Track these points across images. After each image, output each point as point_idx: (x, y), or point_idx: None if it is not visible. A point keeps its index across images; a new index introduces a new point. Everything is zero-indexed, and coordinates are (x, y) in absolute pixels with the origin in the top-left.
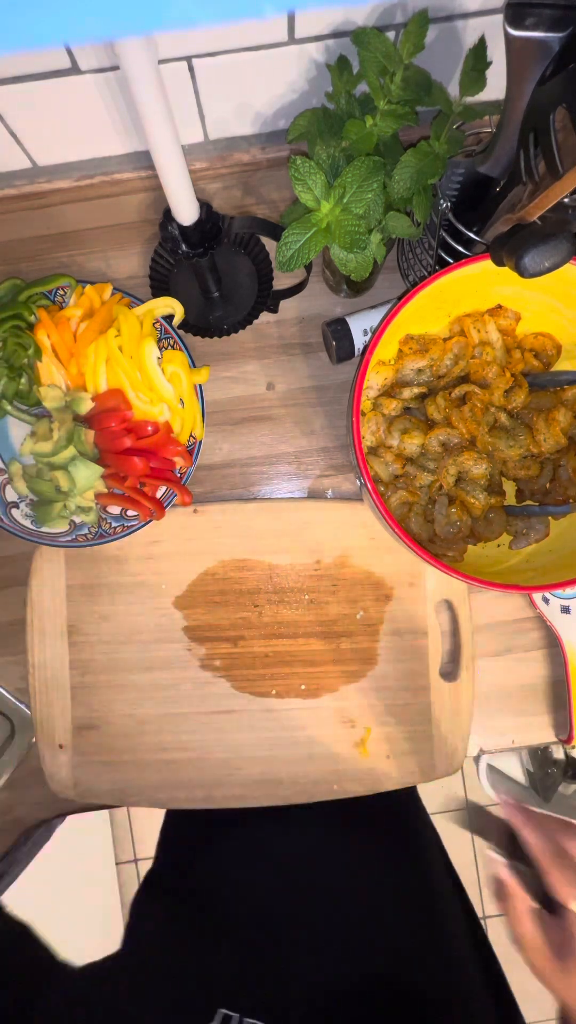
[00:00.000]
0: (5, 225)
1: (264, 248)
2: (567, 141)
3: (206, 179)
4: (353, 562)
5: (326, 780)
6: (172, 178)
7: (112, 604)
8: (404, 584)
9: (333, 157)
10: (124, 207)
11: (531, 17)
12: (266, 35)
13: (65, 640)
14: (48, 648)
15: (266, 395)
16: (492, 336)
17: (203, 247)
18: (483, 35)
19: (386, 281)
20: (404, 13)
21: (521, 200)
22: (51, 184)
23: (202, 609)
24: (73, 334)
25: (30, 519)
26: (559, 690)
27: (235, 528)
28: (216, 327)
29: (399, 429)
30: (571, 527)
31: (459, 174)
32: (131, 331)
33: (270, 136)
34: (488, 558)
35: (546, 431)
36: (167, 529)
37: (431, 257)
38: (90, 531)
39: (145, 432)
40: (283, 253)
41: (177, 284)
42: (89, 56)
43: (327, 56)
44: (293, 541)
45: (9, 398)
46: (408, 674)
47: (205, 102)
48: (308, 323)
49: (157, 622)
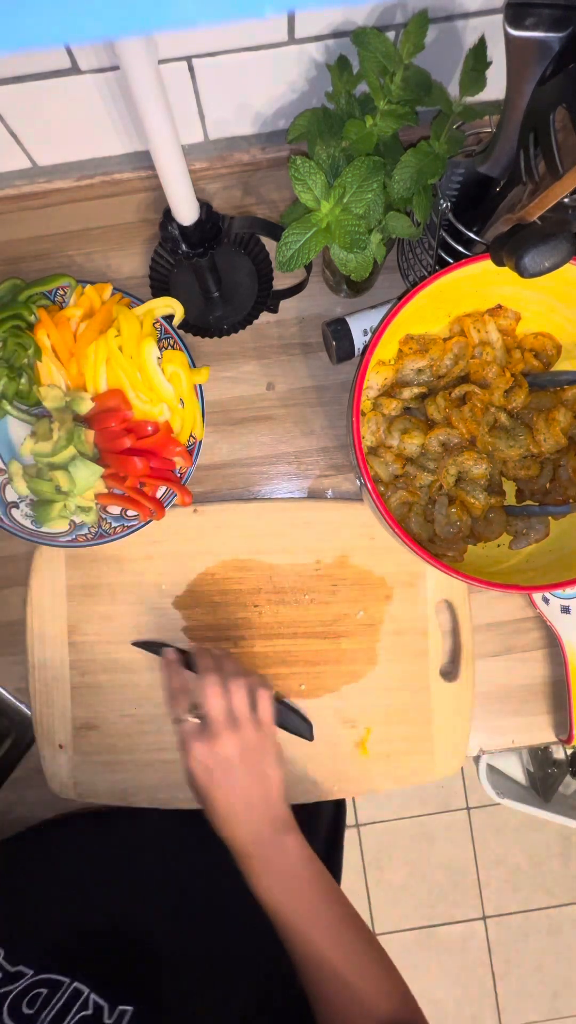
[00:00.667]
0: (5, 225)
1: (264, 248)
2: (567, 141)
3: (206, 179)
4: (353, 562)
5: (326, 780)
6: (172, 178)
7: (112, 604)
8: (404, 584)
9: (333, 157)
10: (124, 207)
11: (531, 17)
12: (266, 35)
13: (65, 640)
14: (48, 648)
15: (266, 395)
16: (492, 336)
17: (203, 247)
18: (483, 35)
19: (386, 281)
20: (404, 13)
21: (521, 200)
22: (51, 184)
23: (202, 609)
24: (73, 334)
25: (30, 519)
26: (559, 690)
27: (235, 528)
28: (216, 327)
29: (399, 429)
30: (571, 527)
31: (459, 174)
32: (131, 331)
33: (270, 136)
34: (488, 558)
35: (546, 431)
36: (167, 529)
37: (431, 257)
38: (90, 531)
39: (145, 432)
40: (283, 253)
41: (177, 284)
42: (89, 56)
43: (327, 56)
44: (293, 541)
45: (9, 398)
46: (408, 674)
47: (205, 102)
48: (308, 323)
49: (157, 622)
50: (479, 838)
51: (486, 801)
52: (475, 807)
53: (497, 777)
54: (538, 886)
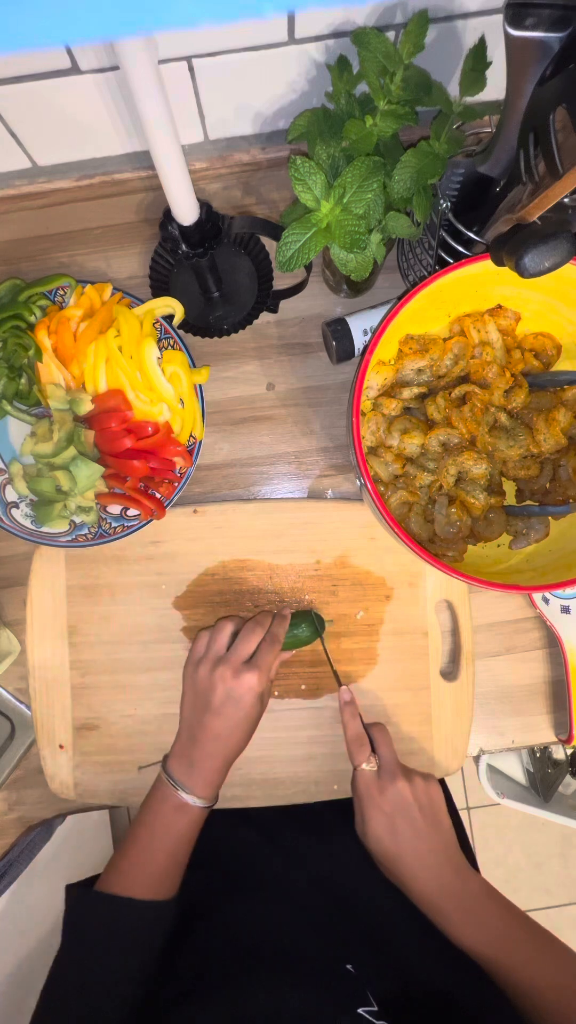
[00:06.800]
0: (5, 225)
1: (264, 248)
2: (567, 141)
3: (206, 179)
4: (353, 562)
5: (326, 780)
6: (172, 178)
7: (112, 604)
8: (404, 584)
9: (333, 157)
10: (124, 207)
11: (531, 17)
12: (266, 35)
13: (65, 640)
14: (48, 648)
15: (266, 395)
16: (492, 336)
17: (203, 247)
18: (483, 35)
19: (386, 281)
20: (404, 13)
21: (521, 200)
22: (51, 184)
23: (202, 609)
24: (73, 334)
25: (30, 519)
26: (559, 690)
27: (235, 528)
28: (216, 327)
29: (399, 429)
30: (571, 527)
31: (459, 174)
32: (131, 331)
33: (270, 136)
34: (488, 558)
35: (546, 431)
36: (167, 529)
37: (431, 257)
38: (90, 531)
39: (145, 432)
40: (283, 253)
41: (177, 284)
42: (89, 56)
43: (327, 56)
44: (293, 541)
45: (9, 398)
46: (408, 674)
47: (205, 102)
48: (308, 323)
49: (157, 622)
50: (479, 838)
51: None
52: (475, 807)
53: (497, 777)
54: (538, 886)
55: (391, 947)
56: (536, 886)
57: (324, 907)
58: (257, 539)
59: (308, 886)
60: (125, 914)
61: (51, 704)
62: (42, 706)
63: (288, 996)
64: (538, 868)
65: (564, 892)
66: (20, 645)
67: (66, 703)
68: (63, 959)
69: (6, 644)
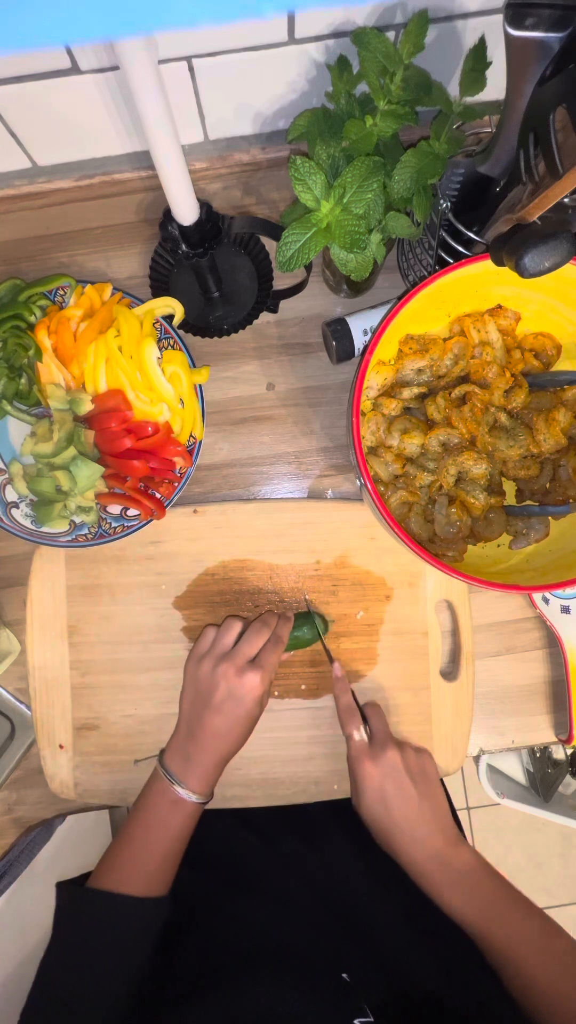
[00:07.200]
0: (5, 225)
1: (264, 248)
2: (567, 141)
3: (206, 179)
4: (353, 562)
5: (326, 780)
6: (172, 178)
7: (112, 604)
8: (404, 584)
9: (333, 157)
10: (124, 207)
11: (531, 17)
12: (266, 35)
13: (65, 640)
14: (48, 648)
15: (266, 395)
16: (492, 336)
17: (203, 247)
18: (483, 35)
19: (386, 281)
20: (404, 13)
21: (521, 200)
22: (51, 184)
23: (202, 609)
24: (73, 334)
25: (30, 519)
26: (559, 690)
27: (235, 528)
28: (216, 327)
29: (399, 429)
30: (571, 527)
31: (459, 174)
32: (131, 331)
33: (270, 136)
34: (488, 558)
35: (546, 431)
36: (167, 529)
37: (431, 257)
38: (90, 531)
39: (145, 432)
40: (283, 253)
41: (177, 284)
42: (89, 56)
43: (327, 56)
44: (293, 541)
45: (9, 398)
46: (408, 674)
47: (205, 102)
48: (308, 323)
49: (157, 622)
50: (479, 838)
51: (486, 801)
52: (475, 807)
53: (497, 777)
54: (538, 886)
55: (386, 957)
56: (536, 886)
57: (320, 914)
58: (257, 539)
59: (304, 892)
60: (117, 910)
61: (51, 704)
62: (42, 706)
63: (287, 998)
64: (538, 868)
65: (564, 892)
66: (20, 645)
67: (66, 703)
68: (52, 954)
69: (6, 644)
